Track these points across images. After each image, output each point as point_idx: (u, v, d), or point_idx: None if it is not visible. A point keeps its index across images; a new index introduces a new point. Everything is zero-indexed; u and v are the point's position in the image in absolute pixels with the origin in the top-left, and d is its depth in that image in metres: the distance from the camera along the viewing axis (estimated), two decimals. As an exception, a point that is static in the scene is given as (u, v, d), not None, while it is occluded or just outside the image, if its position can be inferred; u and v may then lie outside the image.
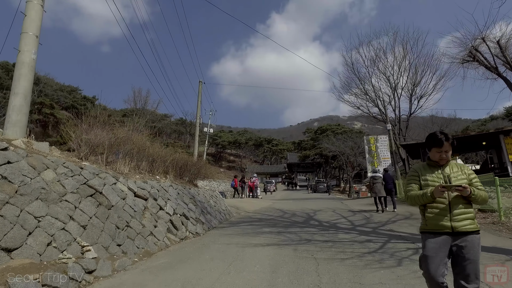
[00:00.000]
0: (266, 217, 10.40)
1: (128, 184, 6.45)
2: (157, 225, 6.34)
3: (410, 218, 8.85)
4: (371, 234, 6.51)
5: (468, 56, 11.68)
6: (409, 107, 20.41)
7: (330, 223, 8.46)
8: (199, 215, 8.55)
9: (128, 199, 5.97)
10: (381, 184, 11.51)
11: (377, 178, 11.74)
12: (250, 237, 6.67)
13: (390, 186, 11.66)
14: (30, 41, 5.77)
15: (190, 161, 10.92)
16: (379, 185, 11.46)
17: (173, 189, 8.36)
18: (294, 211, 12.38)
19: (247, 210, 13.24)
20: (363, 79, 20.95)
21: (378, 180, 11.61)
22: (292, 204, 16.97)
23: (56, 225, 4.05)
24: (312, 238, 6.27)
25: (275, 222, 8.91)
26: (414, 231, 6.60)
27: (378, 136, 20.15)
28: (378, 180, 11.60)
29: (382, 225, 7.68)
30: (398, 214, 9.85)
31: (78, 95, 55.60)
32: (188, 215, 7.87)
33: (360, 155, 35.91)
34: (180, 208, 7.77)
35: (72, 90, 56.60)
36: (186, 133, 72.49)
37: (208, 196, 10.74)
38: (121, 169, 7.44)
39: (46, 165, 4.64)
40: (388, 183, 11.67)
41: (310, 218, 9.85)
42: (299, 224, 8.33)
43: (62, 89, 55.15)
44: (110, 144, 7.79)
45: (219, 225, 8.99)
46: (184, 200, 8.46)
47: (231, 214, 11.33)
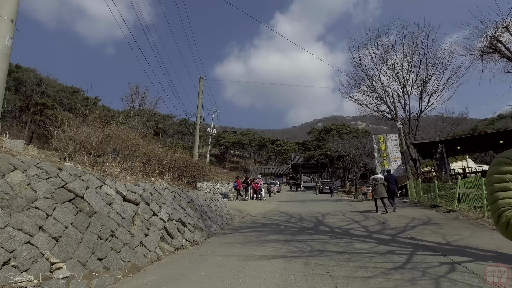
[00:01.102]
0: (271, 222, 9.65)
1: (117, 187, 5.74)
2: (149, 233, 5.63)
3: (429, 224, 8.05)
4: (391, 243, 5.74)
5: (488, 48, 10.84)
6: (419, 105, 19.56)
7: (342, 229, 7.69)
8: (197, 220, 7.84)
9: (115, 204, 5.27)
10: (382, 186, 11.40)
11: (378, 179, 11.59)
12: (254, 246, 5.93)
13: (393, 186, 11.65)
14: (3, 26, 5.09)
15: (190, 162, 10.21)
16: (381, 187, 11.36)
17: (169, 192, 7.65)
18: (301, 214, 11.61)
19: (251, 214, 12.51)
20: (371, 76, 20.14)
21: (379, 181, 11.49)
22: (298, 206, 16.19)
23: (19, 238, 3.34)
24: (325, 248, 5.51)
25: (282, 228, 8.16)
26: (440, 240, 5.81)
27: (387, 135, 19.28)
28: (380, 182, 11.49)
29: (401, 232, 6.89)
30: (414, 219, 9.05)
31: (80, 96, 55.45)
32: (185, 221, 7.16)
33: (366, 155, 34.99)
34: (177, 213, 7.06)
35: (74, 91, 56.49)
36: (189, 134, 71.98)
37: (209, 199, 10.02)
38: (111, 170, 6.74)
39: (14, 166, 3.95)
40: (391, 183, 11.65)
41: (319, 222, 9.08)
42: (308, 231, 7.57)
43: (65, 90, 54.99)
44: (98, 142, 7.12)
45: (220, 231, 8.26)
46: (181, 204, 7.75)
47: (233, 219, 10.60)
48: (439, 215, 9.66)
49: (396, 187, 12.10)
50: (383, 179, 11.67)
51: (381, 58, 19.62)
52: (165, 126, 70.89)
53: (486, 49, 10.96)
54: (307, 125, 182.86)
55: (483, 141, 15.73)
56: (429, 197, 13.50)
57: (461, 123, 25.53)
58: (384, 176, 12.12)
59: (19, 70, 46.42)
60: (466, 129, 31.66)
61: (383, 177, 11.83)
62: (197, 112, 15.50)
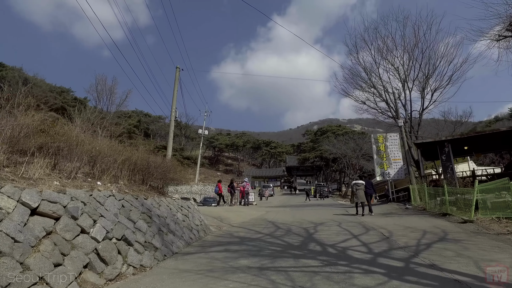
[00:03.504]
0: (251, 236, 7.92)
1: (22, 196, 3.98)
2: (64, 261, 3.91)
3: (447, 240, 6.38)
4: (406, 276, 4.03)
5: (507, 30, 9.29)
6: (421, 102, 18.01)
7: (338, 247, 5.98)
8: (152, 237, 6.08)
9: (9, 222, 3.54)
10: (362, 191, 12.23)
11: (359, 185, 12.45)
12: (213, 279, 4.20)
13: (370, 191, 12.75)
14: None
15: (154, 163, 8.46)
16: (361, 192, 12.20)
17: (115, 200, 5.89)
18: (290, 224, 9.90)
19: (232, 223, 10.77)
20: (369, 71, 18.57)
21: (360, 186, 12.33)
22: (288, 213, 14.48)
23: None
24: (312, 284, 3.79)
25: (261, 246, 6.43)
26: (474, 270, 4.12)
27: (387, 134, 17.66)
28: (361, 187, 12.31)
29: (415, 254, 5.20)
30: (426, 232, 7.38)
31: (69, 96, 53.58)
32: (131, 239, 5.41)
33: (362, 157, 33.51)
34: (121, 228, 5.32)
35: (62, 91, 54.64)
36: (181, 136, 70.02)
37: (176, 207, 8.26)
38: (31, 173, 4.99)
39: None
40: (368, 188, 12.61)
41: (309, 237, 7.38)
42: (293, 251, 5.84)
43: (52, 90, 53.08)
44: (16, 135, 5.41)
45: (184, 250, 6.51)
46: (130, 216, 5.98)
47: (207, 231, 8.85)
48: (455, 227, 8.01)
49: (373, 191, 13.33)
50: (364, 185, 12.45)
51: (379, 51, 18.07)
52: (156, 127, 68.90)
53: (504, 32, 9.40)
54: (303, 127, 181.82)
55: (495, 140, 14.17)
56: (435, 204, 11.87)
57: (465, 122, 24.02)
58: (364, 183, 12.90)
59: (3, 69, 44.41)
60: (466, 131, 30.24)
61: (364, 183, 12.68)
62: (172, 105, 13.70)
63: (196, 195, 42.10)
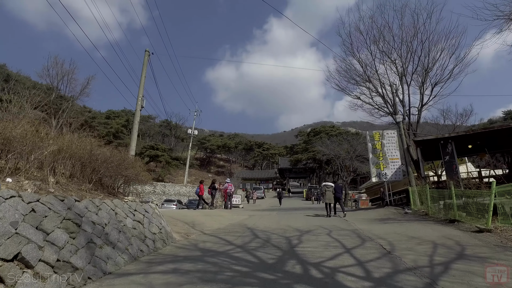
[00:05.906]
0: (217, 248, 6.32)
1: None
2: None
3: (467, 257, 4.87)
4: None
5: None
6: (420, 98, 16.63)
7: (324, 270, 4.42)
8: (73, 252, 4.43)
9: None
10: (331, 193, 12.89)
11: (329, 187, 13.13)
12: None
13: (339, 195, 13.26)
14: None
15: (102, 157, 6.82)
16: (330, 193, 12.90)
17: (20, 202, 4.24)
18: (271, 232, 8.33)
19: (205, 230, 9.16)
20: (365, 64, 17.17)
21: (329, 188, 13.02)
22: (273, 218, 12.90)
23: None
24: None
25: (222, 265, 4.83)
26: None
27: (384, 131, 16.23)
28: (330, 189, 12.99)
29: (433, 283, 3.67)
30: (436, 245, 5.88)
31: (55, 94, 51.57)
32: (33, 257, 3.79)
33: (356, 159, 32.18)
34: (17, 242, 3.70)
35: (48, 89, 52.61)
36: (171, 136, 68.07)
37: (127, 211, 6.61)
38: None
39: None
40: (337, 192, 13.17)
41: (290, 251, 5.81)
42: (262, 273, 4.26)
43: (37, 87, 50.98)
44: None
45: (124, 267, 4.88)
46: (43, 224, 4.33)
47: (168, 240, 7.22)
48: (470, 237, 6.51)
49: (341, 195, 13.84)
50: (333, 187, 13.07)
51: (375, 42, 16.68)
52: (146, 127, 66.85)
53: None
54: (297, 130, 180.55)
55: (507, 137, 12.79)
56: (439, 208, 10.42)
57: (459, 128, 22.75)
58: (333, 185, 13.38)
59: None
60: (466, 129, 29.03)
61: (333, 186, 13.27)
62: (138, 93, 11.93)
63: (184, 197, 40.27)
